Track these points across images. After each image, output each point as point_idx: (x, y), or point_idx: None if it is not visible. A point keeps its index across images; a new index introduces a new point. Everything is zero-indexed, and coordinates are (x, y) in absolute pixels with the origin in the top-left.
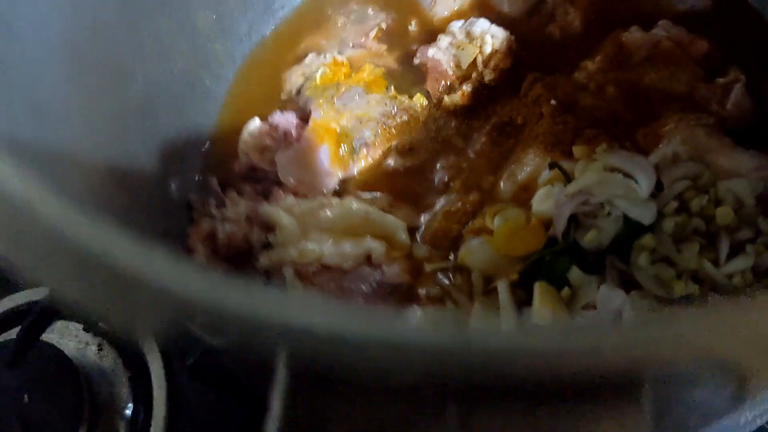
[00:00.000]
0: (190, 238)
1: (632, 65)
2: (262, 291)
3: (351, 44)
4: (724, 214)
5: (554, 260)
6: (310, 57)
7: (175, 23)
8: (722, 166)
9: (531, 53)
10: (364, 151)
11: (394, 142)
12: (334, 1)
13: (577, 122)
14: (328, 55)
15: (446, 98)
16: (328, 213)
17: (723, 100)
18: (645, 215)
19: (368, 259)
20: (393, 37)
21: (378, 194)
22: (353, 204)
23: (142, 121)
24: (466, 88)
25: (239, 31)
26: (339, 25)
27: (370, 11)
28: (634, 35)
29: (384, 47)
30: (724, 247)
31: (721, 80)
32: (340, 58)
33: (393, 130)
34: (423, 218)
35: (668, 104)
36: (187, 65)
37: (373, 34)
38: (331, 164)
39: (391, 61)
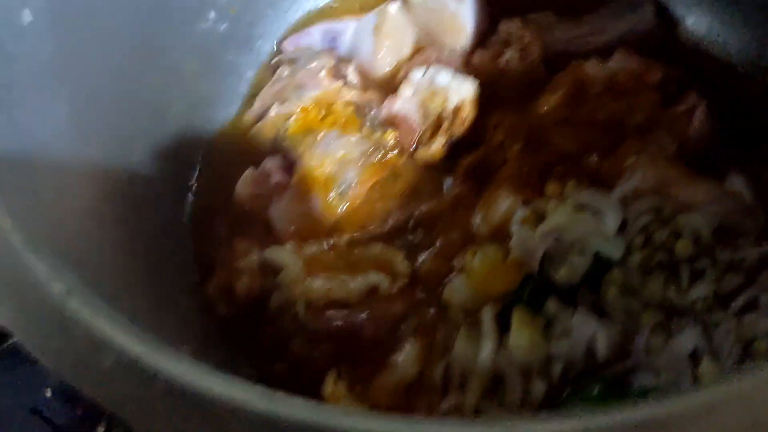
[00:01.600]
0: (209, 292)
1: (590, 97)
2: None
3: (307, 88)
4: (683, 248)
5: (532, 295)
6: (274, 109)
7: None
8: (681, 198)
9: (491, 89)
10: (350, 192)
11: (375, 180)
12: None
13: (545, 158)
14: (291, 104)
15: (420, 150)
16: (330, 254)
17: (686, 125)
18: (614, 251)
19: (373, 292)
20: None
21: (371, 231)
22: (348, 242)
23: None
24: (438, 142)
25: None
26: (285, 75)
27: (308, 57)
28: (591, 68)
29: (340, 83)
30: (685, 276)
31: (681, 107)
32: (305, 103)
33: (374, 168)
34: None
35: (629, 134)
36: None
37: (324, 74)
38: (323, 210)
39: (354, 96)
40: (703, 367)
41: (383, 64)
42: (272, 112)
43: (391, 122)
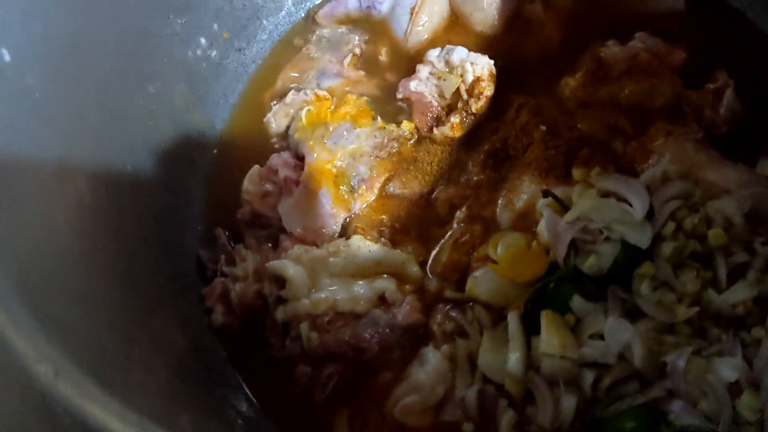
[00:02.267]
0: (207, 299)
1: (612, 79)
2: None
3: (328, 75)
4: (716, 236)
5: (558, 287)
6: (291, 95)
7: (155, 103)
8: (711, 182)
9: (512, 72)
10: (363, 187)
11: (390, 173)
12: (301, 31)
13: (568, 144)
14: (308, 91)
15: (436, 131)
16: (337, 258)
17: (715, 106)
18: (642, 238)
19: (383, 300)
20: (369, 63)
21: (384, 229)
22: (359, 244)
23: (136, 209)
24: (455, 119)
25: (215, 97)
26: (312, 55)
27: (340, 33)
28: (612, 50)
29: (362, 73)
30: (722, 270)
31: (711, 86)
32: (320, 92)
33: (387, 162)
34: (433, 252)
35: (655, 117)
36: (171, 143)
37: (348, 60)
38: (333, 206)
39: (372, 87)
40: (743, 400)
41: (415, 41)
42: (288, 98)
43: (408, 102)
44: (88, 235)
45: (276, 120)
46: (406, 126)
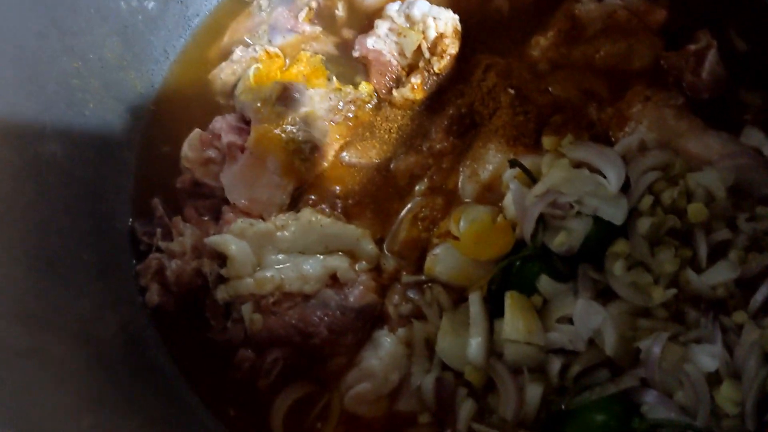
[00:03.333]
0: (141, 277)
1: (587, 39)
2: None
3: (281, 30)
4: (696, 211)
5: (524, 266)
6: (238, 52)
7: (81, 60)
8: (692, 152)
9: (479, 31)
10: (316, 155)
11: (346, 140)
12: None
13: (539, 109)
14: (258, 48)
15: (395, 93)
16: (285, 233)
17: (697, 69)
18: (616, 214)
19: (335, 279)
20: (326, 18)
21: (338, 202)
22: (310, 218)
23: (59, 176)
24: (415, 80)
25: (154, 53)
26: (263, 9)
27: None
28: (587, 6)
29: (319, 29)
30: (702, 247)
31: (692, 47)
32: (272, 49)
33: (342, 127)
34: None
35: (633, 81)
36: (101, 103)
37: (303, 15)
38: (282, 175)
39: (329, 45)
40: (723, 391)
41: None
42: (236, 54)
43: (365, 62)
44: None
45: (221, 76)
46: (364, 88)
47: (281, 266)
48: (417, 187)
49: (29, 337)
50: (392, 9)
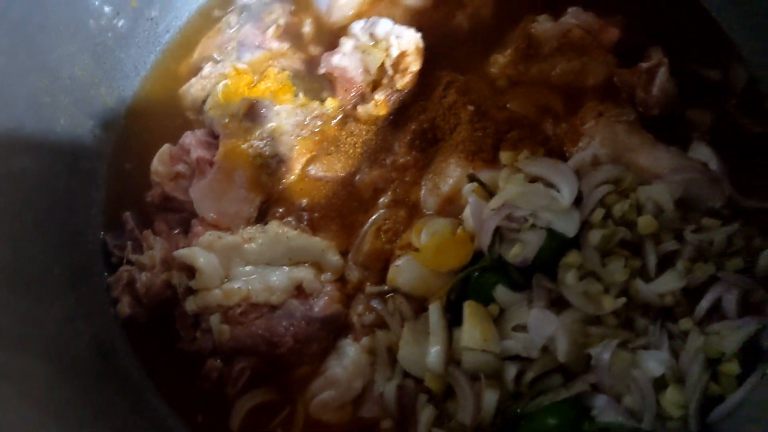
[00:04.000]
0: (112, 289)
1: (543, 57)
2: None
3: (249, 46)
4: (646, 224)
5: (482, 277)
6: (208, 68)
7: (51, 78)
8: (642, 166)
9: (440, 48)
10: (283, 168)
11: (312, 154)
12: (219, 2)
13: (497, 125)
14: (227, 64)
15: (360, 109)
16: (252, 245)
17: (648, 86)
18: (569, 227)
19: (300, 290)
20: (294, 35)
21: (304, 215)
22: (277, 230)
23: (30, 192)
24: (379, 96)
25: (125, 69)
26: (232, 26)
27: (263, 2)
28: (543, 25)
29: (286, 46)
30: (651, 258)
31: (644, 65)
32: (240, 65)
33: (309, 141)
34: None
35: (587, 97)
36: (72, 119)
37: (271, 32)
38: (250, 189)
39: (296, 61)
40: (668, 395)
41: (339, 15)
42: (205, 70)
43: (330, 78)
44: None
45: (191, 92)
46: (330, 103)
47: (248, 278)
48: (381, 200)
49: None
50: (357, 27)
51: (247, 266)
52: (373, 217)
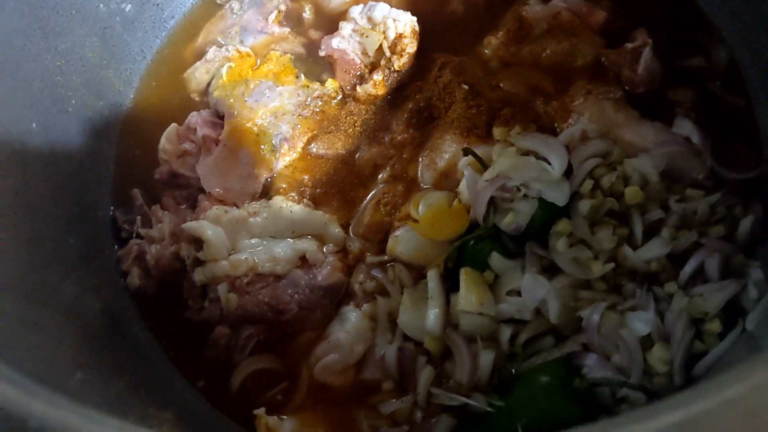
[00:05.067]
0: (123, 261)
1: (534, 38)
2: None
3: (252, 31)
4: (632, 194)
5: (477, 245)
6: (212, 51)
7: (63, 59)
8: (628, 141)
9: (435, 30)
10: (285, 146)
11: (313, 132)
12: None
13: (490, 103)
14: (230, 48)
15: (359, 89)
16: (257, 219)
17: (633, 66)
18: (559, 196)
19: (304, 260)
20: (294, 20)
21: (306, 190)
22: (281, 205)
23: (44, 167)
24: (377, 77)
25: (132, 53)
26: (235, 11)
27: None
28: (533, 8)
29: (287, 30)
30: (638, 227)
31: (629, 45)
32: (243, 49)
33: (310, 121)
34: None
35: (576, 77)
36: (82, 99)
37: (273, 17)
38: (254, 166)
39: (297, 45)
40: (654, 352)
41: (338, 1)
42: (209, 54)
43: (330, 60)
44: None
45: (196, 76)
46: (330, 84)
47: (254, 249)
48: (380, 176)
49: (26, 309)
50: (355, 12)
51: (252, 239)
52: (373, 192)
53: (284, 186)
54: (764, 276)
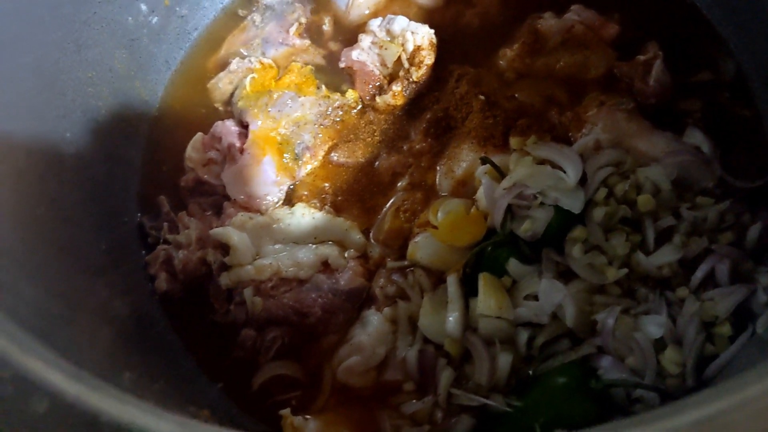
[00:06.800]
0: (150, 266)
1: (548, 51)
2: None
3: (273, 43)
4: (645, 202)
5: (495, 251)
6: (235, 62)
7: (94, 70)
8: (641, 150)
9: (452, 43)
10: (307, 154)
11: (334, 141)
12: (244, 2)
13: (506, 114)
14: (253, 59)
15: (378, 100)
16: (281, 225)
17: (645, 77)
18: (574, 204)
19: (326, 265)
20: (314, 32)
21: (327, 197)
22: (303, 212)
23: (76, 175)
24: (396, 87)
25: (157, 64)
26: (257, 24)
27: (285, 2)
28: (548, 21)
29: (307, 42)
30: (650, 233)
31: (641, 57)
32: (266, 60)
33: (331, 130)
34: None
35: (589, 88)
36: (110, 109)
37: (294, 29)
38: (278, 174)
39: (317, 56)
40: (667, 354)
41: (357, 14)
42: (233, 65)
43: (350, 72)
44: (26, 201)
45: (219, 86)
46: (350, 95)
47: (278, 255)
48: (399, 184)
49: (65, 309)
50: (374, 24)
51: (276, 245)
52: (393, 199)
53: (306, 193)
54: None
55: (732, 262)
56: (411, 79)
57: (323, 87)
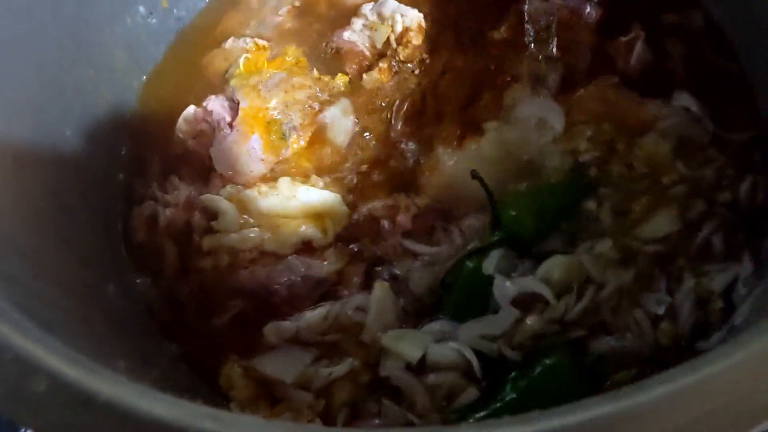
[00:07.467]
0: (133, 219)
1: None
2: None
3: (268, 25)
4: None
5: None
6: (230, 41)
7: (93, 69)
8: (634, 120)
9: (440, 28)
10: (294, 135)
11: (322, 123)
12: None
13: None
14: (248, 39)
15: (365, 77)
16: (268, 198)
17: (627, 57)
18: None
19: (307, 245)
20: (307, 15)
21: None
22: (288, 186)
23: (76, 170)
24: (383, 64)
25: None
26: (253, 5)
27: None
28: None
29: (302, 24)
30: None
31: (623, 38)
32: (260, 41)
33: (319, 112)
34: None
35: (574, 68)
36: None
37: (285, 10)
38: (264, 152)
39: (310, 38)
40: (662, 327)
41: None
42: (227, 44)
43: (340, 51)
44: (29, 195)
45: (214, 63)
46: (340, 78)
47: (261, 227)
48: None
49: (62, 298)
50: (366, 8)
51: (260, 218)
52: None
53: (292, 170)
54: (753, 269)
55: (726, 233)
56: (399, 59)
57: (315, 70)
